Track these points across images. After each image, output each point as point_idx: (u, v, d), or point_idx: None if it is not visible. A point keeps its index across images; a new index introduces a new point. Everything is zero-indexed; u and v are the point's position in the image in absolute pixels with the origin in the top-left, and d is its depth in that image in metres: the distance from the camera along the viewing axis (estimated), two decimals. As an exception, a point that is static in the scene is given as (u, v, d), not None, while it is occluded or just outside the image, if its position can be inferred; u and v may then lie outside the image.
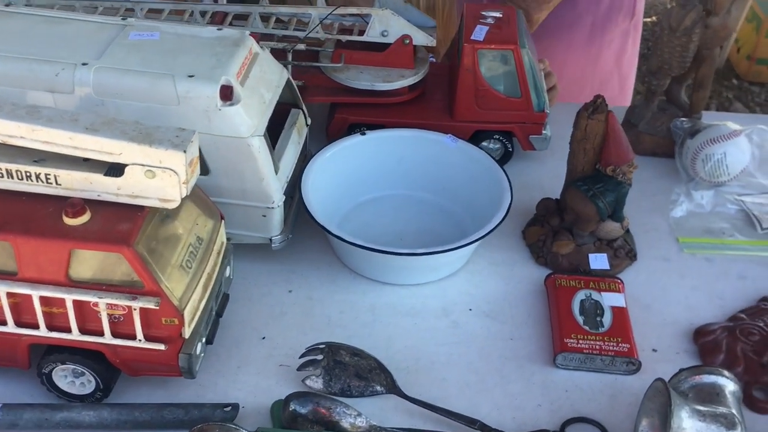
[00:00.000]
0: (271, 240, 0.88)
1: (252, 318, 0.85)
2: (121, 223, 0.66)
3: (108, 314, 0.68)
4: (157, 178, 0.66)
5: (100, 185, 0.67)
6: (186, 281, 0.70)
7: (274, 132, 0.91)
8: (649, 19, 3.14)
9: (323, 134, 1.06)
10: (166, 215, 0.71)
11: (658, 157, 1.11)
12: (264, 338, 0.83)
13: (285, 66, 0.94)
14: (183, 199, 0.72)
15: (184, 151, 0.65)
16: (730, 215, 1.00)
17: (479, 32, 0.99)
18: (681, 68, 1.03)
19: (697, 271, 0.93)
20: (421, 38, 1.02)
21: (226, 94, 0.80)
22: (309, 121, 0.97)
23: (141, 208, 0.68)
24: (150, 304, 0.66)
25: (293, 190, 0.92)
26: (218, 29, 0.88)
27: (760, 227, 0.98)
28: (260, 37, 1.00)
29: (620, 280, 0.88)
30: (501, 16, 1.02)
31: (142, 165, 0.65)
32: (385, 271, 0.90)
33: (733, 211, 1.01)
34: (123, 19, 0.89)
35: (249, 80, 0.83)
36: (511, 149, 1.06)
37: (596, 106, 0.86)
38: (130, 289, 0.66)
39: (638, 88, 1.69)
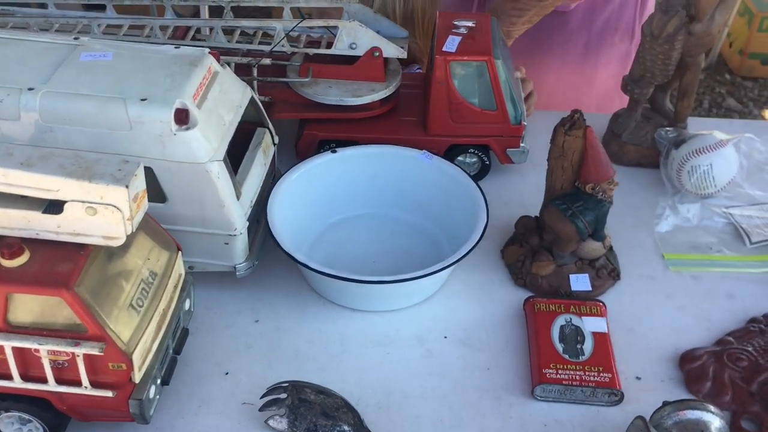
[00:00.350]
0: (235, 268, 0.84)
1: (215, 352, 0.81)
2: (62, 264, 0.62)
3: (51, 360, 0.64)
4: (99, 215, 0.62)
5: (38, 223, 0.62)
6: (135, 322, 0.66)
7: (238, 153, 0.87)
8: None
9: (293, 151, 1.02)
10: (114, 251, 0.66)
11: (643, 167, 1.07)
12: (227, 374, 0.79)
13: (250, 82, 0.90)
14: (134, 232, 0.68)
15: (127, 186, 0.61)
16: (718, 229, 0.96)
17: (451, 43, 0.94)
18: (664, 77, 0.99)
19: (683, 290, 0.89)
20: (391, 50, 0.97)
21: (181, 117, 0.76)
22: (276, 140, 0.93)
23: (84, 246, 0.63)
24: (94, 350, 0.62)
25: (260, 213, 0.88)
26: (176, 47, 0.84)
27: (749, 241, 0.94)
28: (224, 52, 0.96)
29: (602, 303, 0.84)
30: (474, 25, 0.98)
31: (83, 201, 0.61)
32: (356, 298, 0.85)
33: (720, 225, 0.97)
34: (75, 38, 0.84)
35: (207, 101, 0.79)
36: (488, 163, 1.02)
37: (573, 121, 0.82)
38: (73, 334, 0.62)
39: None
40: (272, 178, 0.94)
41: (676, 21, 0.93)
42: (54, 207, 0.62)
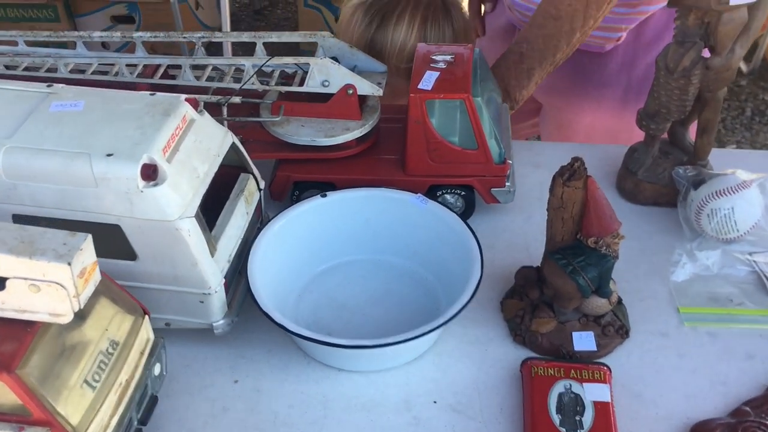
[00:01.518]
0: (212, 325, 0.80)
1: (189, 417, 0.76)
2: (6, 343, 0.58)
3: (-2, 444, 0.60)
4: (42, 292, 0.58)
5: (-18, 300, 0.59)
6: (89, 401, 0.62)
7: (218, 201, 0.83)
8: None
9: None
10: (68, 325, 0.62)
11: (660, 206, 0.99)
12: (200, 442, 0.74)
13: (221, 122, 0.86)
14: (93, 300, 0.64)
15: (69, 264, 0.56)
16: (740, 278, 0.88)
17: (428, 79, 0.88)
18: (681, 113, 0.91)
19: (698, 350, 0.82)
20: (365, 88, 0.92)
21: (149, 173, 0.71)
22: (262, 185, 0.88)
23: (32, 323, 0.59)
24: (39, 436, 0.58)
25: (242, 264, 0.84)
26: (151, 94, 0.79)
27: (774, 293, 0.86)
28: (194, 90, 0.92)
29: (607, 367, 0.77)
30: (453, 59, 0.92)
31: (25, 278, 0.57)
32: (340, 359, 0.80)
33: (743, 274, 0.89)
34: (48, 86, 0.81)
35: (179, 153, 0.75)
36: (473, 202, 0.96)
37: (573, 170, 0.75)
38: (18, 418, 0.58)
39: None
40: (258, 223, 0.90)
41: (692, 54, 0.86)
42: (-3, 283, 0.58)
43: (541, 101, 1.32)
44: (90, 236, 0.59)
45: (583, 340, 0.80)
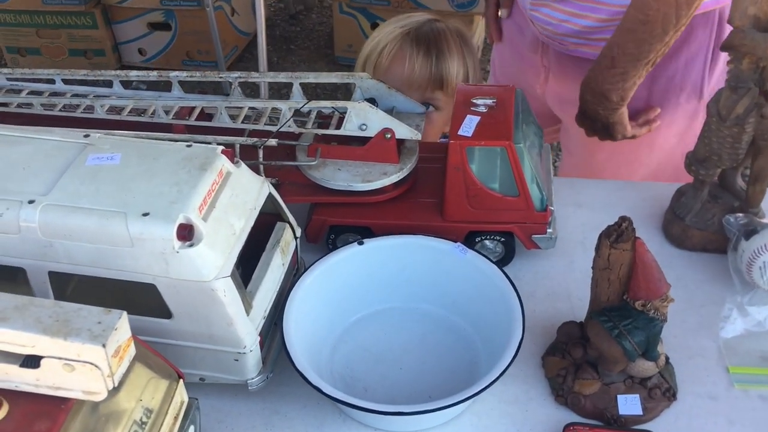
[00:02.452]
0: (247, 382, 0.79)
1: (223, 477, 0.76)
2: (40, 421, 0.57)
3: None
4: (77, 371, 0.57)
5: (17, 376, 0.58)
6: (123, 475, 0.61)
7: (254, 250, 0.82)
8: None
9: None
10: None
11: (709, 253, 0.95)
12: (234, 505, 0.73)
13: (256, 166, 0.84)
14: (130, 365, 0.63)
15: (104, 345, 0.55)
16: (794, 337, 0.85)
17: (468, 125, 0.86)
18: (733, 160, 0.87)
19: (749, 415, 0.78)
20: (404, 132, 0.90)
21: (184, 233, 0.70)
22: (299, 233, 0.87)
23: (65, 399, 0.59)
24: None
25: (277, 316, 0.82)
26: (187, 146, 0.78)
27: (831, 354, 0.82)
28: (229, 133, 0.91)
29: (653, 434, 0.74)
30: (495, 103, 0.89)
31: (59, 358, 0.56)
32: (378, 420, 0.78)
33: (797, 331, 0.85)
34: (85, 135, 0.80)
35: (215, 210, 0.74)
36: (513, 248, 0.93)
37: (620, 231, 0.72)
38: (52, 497, 0.58)
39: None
40: (294, 271, 0.88)
41: (746, 101, 0.82)
42: (31, 361, 0.57)
43: (559, 115, 1.29)
44: (125, 313, 0.58)
45: (629, 404, 0.77)
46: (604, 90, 1.03)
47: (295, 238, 0.87)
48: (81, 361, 0.56)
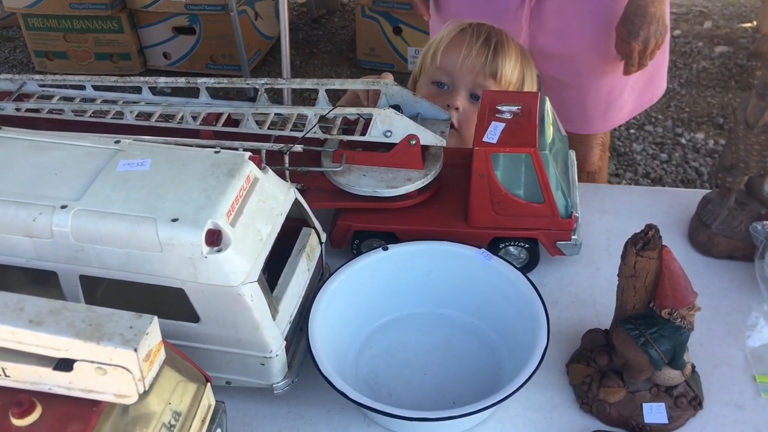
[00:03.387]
0: (272, 386, 0.79)
1: (249, 480, 0.76)
2: (72, 424, 0.58)
3: None
4: (108, 375, 0.58)
5: (50, 379, 0.59)
6: (152, 477, 0.62)
7: (280, 255, 0.82)
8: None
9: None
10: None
11: (735, 260, 0.95)
12: (260, 507, 0.74)
13: (282, 171, 0.85)
14: (159, 369, 0.64)
15: (135, 350, 0.56)
16: (823, 346, 0.84)
17: (493, 131, 0.86)
18: (760, 168, 0.87)
19: (777, 425, 0.78)
20: (428, 138, 0.90)
21: (213, 239, 0.71)
22: (324, 239, 0.88)
23: (97, 402, 0.60)
24: None
25: (303, 321, 0.83)
26: (216, 152, 0.79)
27: None
28: (256, 138, 0.92)
29: (679, 443, 0.74)
30: (519, 110, 0.89)
31: (92, 362, 0.57)
32: (403, 425, 0.79)
33: (826, 340, 0.84)
34: (116, 141, 0.81)
35: (243, 216, 0.74)
36: (537, 254, 0.93)
37: (647, 239, 0.72)
38: (84, 498, 0.59)
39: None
40: (319, 276, 0.89)
41: (775, 109, 0.81)
42: (64, 364, 0.59)
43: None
44: (156, 318, 0.59)
45: (654, 412, 0.77)
46: (658, 11, 1.12)
47: (321, 243, 0.87)
48: (113, 365, 0.57)
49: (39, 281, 0.77)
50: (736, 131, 0.86)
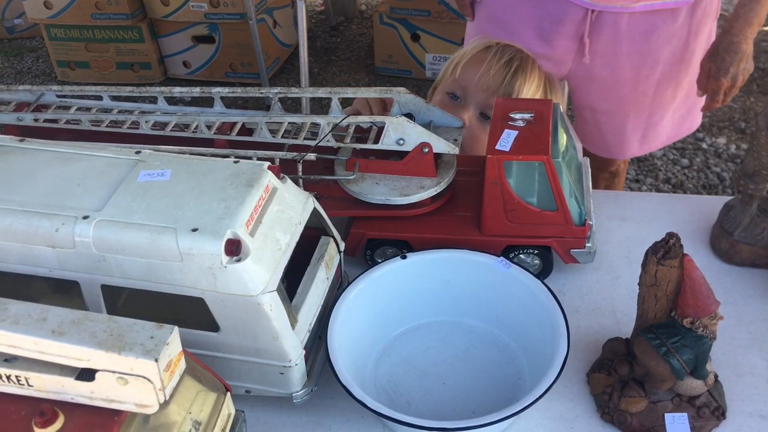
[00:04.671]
0: (292, 395, 0.79)
1: (268, 490, 0.77)
2: (95, 433, 0.59)
3: None
4: (130, 384, 0.58)
5: (72, 388, 0.60)
6: (173, 487, 0.62)
7: (299, 263, 0.83)
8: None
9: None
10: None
11: (758, 268, 0.94)
12: None
13: (296, 180, 0.85)
14: (180, 379, 0.65)
15: (156, 360, 0.57)
16: None
17: (506, 139, 0.86)
18: (783, 175, 0.86)
19: (803, 436, 0.77)
20: (441, 146, 0.90)
21: (232, 249, 0.72)
22: (342, 247, 0.88)
23: (118, 412, 0.60)
24: None
25: (322, 329, 0.83)
26: (234, 161, 0.80)
27: None
28: (269, 147, 0.93)
29: (701, 454, 0.73)
30: (533, 117, 0.89)
31: (113, 372, 0.58)
32: (421, 433, 0.79)
33: None
34: (137, 152, 0.82)
35: (262, 226, 0.75)
36: (551, 262, 0.93)
37: (668, 248, 0.72)
38: (105, 507, 0.59)
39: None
40: (338, 284, 0.89)
41: (797, 115, 0.81)
42: (86, 374, 0.59)
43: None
44: (176, 329, 0.60)
45: (677, 423, 0.76)
46: (749, 48, 1.13)
47: (340, 252, 0.87)
48: (134, 375, 0.58)
49: (62, 291, 0.78)
50: (758, 138, 0.85)
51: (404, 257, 0.89)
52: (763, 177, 0.87)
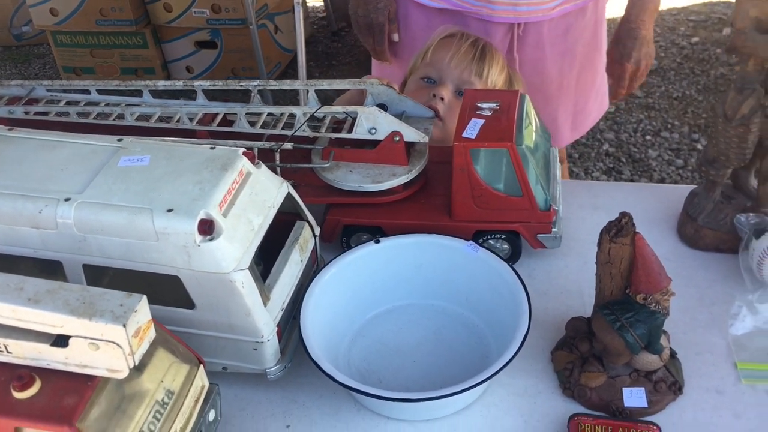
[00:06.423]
0: (266, 371, 0.83)
1: (242, 460, 0.80)
2: (68, 397, 0.62)
3: (61, 488, 0.64)
4: (101, 350, 0.62)
5: (48, 355, 0.63)
6: (143, 450, 0.65)
7: (275, 248, 0.86)
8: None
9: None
10: (126, 378, 0.66)
11: (722, 253, 0.97)
12: (251, 486, 0.78)
13: (274, 168, 0.89)
14: (151, 352, 0.69)
15: (124, 325, 0.60)
16: (805, 333, 0.85)
17: (473, 127, 0.89)
18: (740, 160, 0.89)
19: (755, 410, 0.79)
20: (412, 135, 0.94)
21: (205, 228, 0.75)
22: (317, 232, 0.91)
23: (92, 377, 0.64)
24: (96, 484, 0.62)
25: (296, 310, 0.86)
26: (211, 148, 0.84)
27: (840, 351, 0.82)
28: (249, 137, 0.96)
29: (656, 426, 0.76)
30: (499, 106, 0.92)
31: (85, 337, 0.62)
32: (389, 408, 0.82)
33: (808, 328, 0.86)
34: (119, 140, 0.86)
35: (235, 207, 0.79)
36: (519, 247, 0.96)
37: (620, 227, 0.75)
38: (79, 467, 0.63)
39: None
40: (314, 268, 0.92)
41: (752, 102, 0.84)
42: (61, 340, 0.63)
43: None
44: (145, 297, 0.63)
45: (634, 397, 0.79)
46: (649, 34, 1.18)
47: (315, 236, 0.91)
48: (104, 341, 0.61)
49: (47, 271, 0.82)
50: (716, 125, 0.88)
51: (377, 242, 0.93)
52: (722, 163, 0.90)
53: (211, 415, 0.76)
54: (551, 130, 1.43)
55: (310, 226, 0.90)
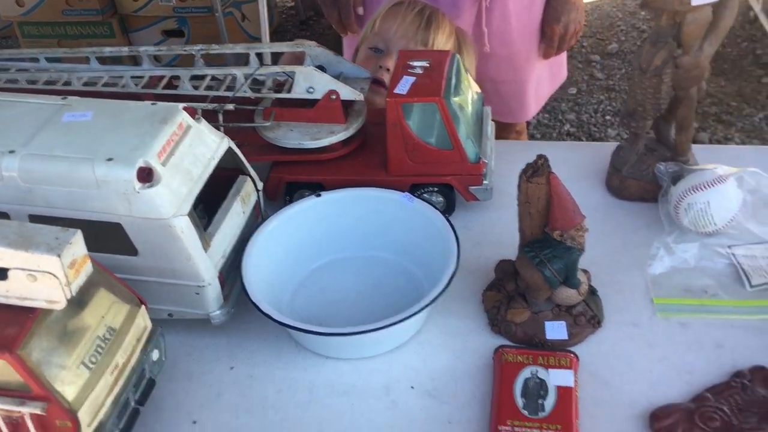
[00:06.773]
0: (209, 316, 0.87)
1: (187, 400, 0.84)
2: (10, 327, 0.66)
3: (6, 416, 0.68)
4: (39, 281, 0.66)
5: (-10, 288, 0.67)
6: (84, 379, 0.69)
7: (219, 202, 0.90)
8: None
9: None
10: (68, 312, 0.70)
11: (646, 202, 1.02)
12: (195, 422, 0.81)
13: (217, 128, 0.93)
14: (93, 291, 0.73)
15: (59, 255, 0.64)
16: (717, 271, 0.91)
17: (404, 84, 0.94)
18: (656, 110, 0.94)
19: (668, 339, 0.85)
20: (347, 93, 0.98)
21: (144, 176, 0.79)
22: (260, 186, 0.95)
23: (33, 309, 0.67)
24: (37, 410, 0.66)
25: (239, 259, 0.90)
26: (152, 104, 0.87)
27: (749, 284, 0.88)
28: (193, 99, 1.00)
29: (574, 354, 0.81)
30: (430, 64, 0.97)
31: (23, 269, 0.65)
32: (325, 346, 0.86)
33: (720, 266, 0.91)
34: (63, 98, 0.90)
35: (174, 157, 0.82)
36: (453, 200, 1.01)
37: (536, 167, 0.80)
38: (21, 394, 0.66)
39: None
40: (258, 222, 0.96)
41: (663, 54, 0.89)
42: (1, 273, 0.67)
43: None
44: (80, 231, 0.67)
45: (555, 330, 0.84)
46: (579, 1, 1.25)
47: (257, 190, 0.95)
48: (41, 271, 0.65)
49: (-6, 223, 0.85)
50: (633, 77, 0.93)
51: (318, 195, 0.97)
52: (640, 114, 0.95)
53: (155, 355, 0.80)
54: (519, 103, 1.50)
55: (253, 180, 0.94)
